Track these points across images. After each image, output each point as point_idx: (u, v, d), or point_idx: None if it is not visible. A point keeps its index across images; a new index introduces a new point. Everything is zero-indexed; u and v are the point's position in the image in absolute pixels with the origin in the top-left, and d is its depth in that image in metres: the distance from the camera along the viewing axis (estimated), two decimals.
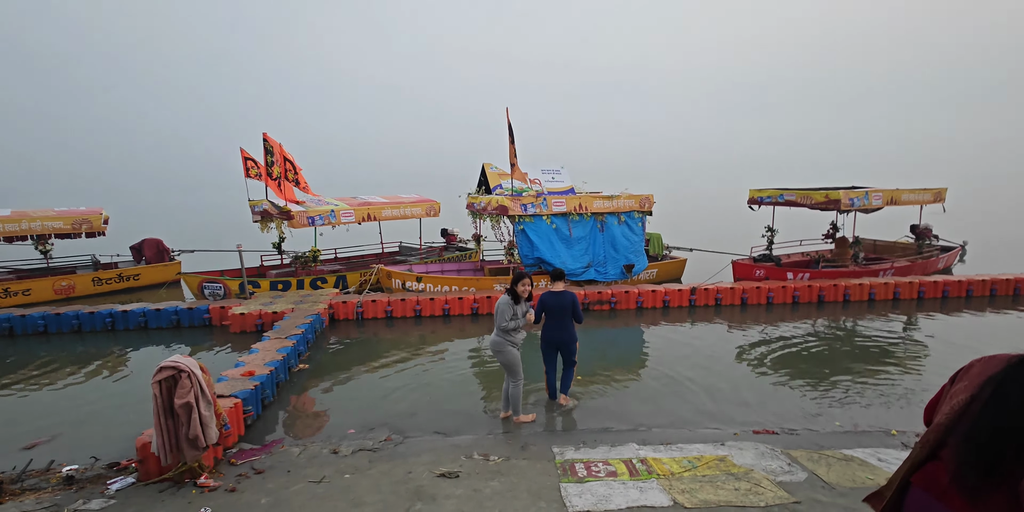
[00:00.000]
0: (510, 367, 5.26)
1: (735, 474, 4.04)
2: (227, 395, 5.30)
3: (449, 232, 15.37)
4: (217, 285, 10.96)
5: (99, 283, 12.43)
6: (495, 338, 5.24)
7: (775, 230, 12.94)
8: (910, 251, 13.68)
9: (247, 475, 4.25)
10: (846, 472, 4.08)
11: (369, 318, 9.90)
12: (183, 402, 3.92)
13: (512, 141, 10.89)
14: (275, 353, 6.78)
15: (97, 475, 4.37)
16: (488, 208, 11.17)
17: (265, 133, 11.25)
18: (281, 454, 4.65)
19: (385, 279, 11.01)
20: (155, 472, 4.17)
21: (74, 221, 11.93)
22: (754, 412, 5.71)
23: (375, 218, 12.26)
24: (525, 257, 11.07)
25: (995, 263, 13.87)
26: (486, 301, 10.10)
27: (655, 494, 3.74)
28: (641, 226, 12.02)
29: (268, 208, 11.08)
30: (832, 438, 4.89)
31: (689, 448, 4.55)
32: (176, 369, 3.98)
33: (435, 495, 3.81)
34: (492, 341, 5.27)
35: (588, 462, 4.27)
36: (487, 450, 4.59)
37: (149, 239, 13.80)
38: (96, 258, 13.16)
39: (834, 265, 12.19)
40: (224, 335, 9.03)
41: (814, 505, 3.59)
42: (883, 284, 10.86)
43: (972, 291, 10.93)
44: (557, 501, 3.68)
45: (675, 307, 10.46)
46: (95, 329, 9.31)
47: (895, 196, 12.18)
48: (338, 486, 4.01)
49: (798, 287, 10.72)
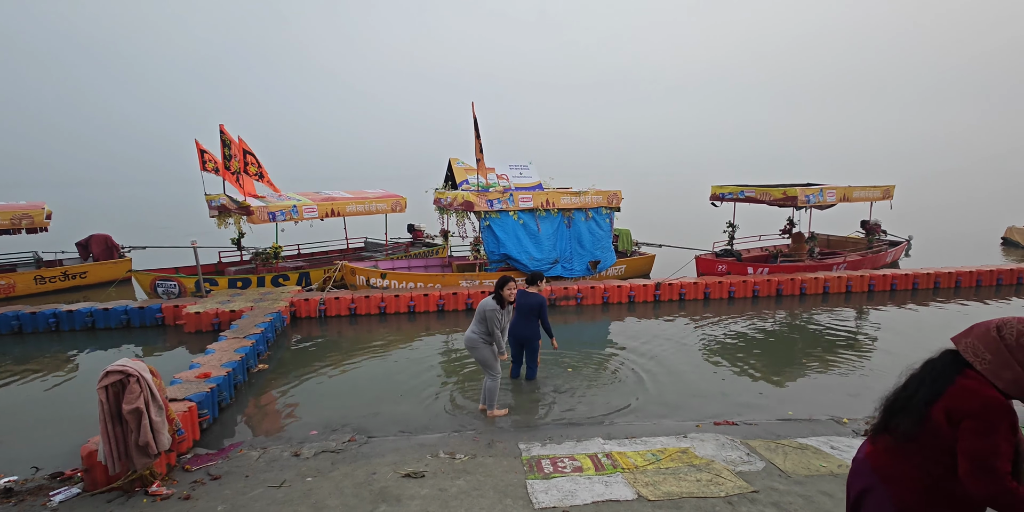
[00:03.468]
0: (486, 362, 5.34)
1: (697, 466, 4.12)
2: (181, 398, 5.09)
3: (416, 228, 15.18)
4: (171, 283, 10.52)
5: (42, 281, 11.77)
6: (471, 335, 5.30)
7: (736, 226, 13.29)
8: (861, 246, 14.27)
9: (203, 481, 4.09)
10: (801, 460, 4.22)
11: (332, 316, 9.69)
12: (132, 408, 3.73)
13: (478, 136, 10.80)
14: (232, 353, 6.55)
15: (39, 486, 4.13)
16: (454, 203, 11.07)
17: (222, 125, 10.83)
18: (239, 458, 4.50)
19: (349, 276, 10.79)
20: (103, 481, 3.97)
21: (13, 216, 11.23)
22: (715, 403, 5.85)
23: (339, 213, 11.98)
24: (491, 253, 11.03)
25: (937, 257, 14.63)
26: (452, 298, 10.02)
27: (620, 488, 3.78)
28: (609, 222, 12.13)
29: (226, 203, 10.68)
30: (788, 427, 5.06)
31: (653, 441, 4.62)
32: (124, 373, 3.79)
33: (400, 496, 3.75)
34: (467, 338, 5.34)
35: (554, 458, 4.29)
36: (453, 448, 4.55)
37: (97, 235, 13.12)
38: (39, 255, 12.44)
39: (791, 260, 12.61)
40: (178, 335, 8.68)
41: (771, 493, 3.69)
42: (836, 278, 11.29)
43: (918, 284, 11.48)
44: (523, 498, 3.68)
45: (640, 302, 10.62)
46: (38, 330, 8.80)
47: (847, 193, 12.66)
48: (299, 490, 3.90)
49: (758, 281, 11.03)
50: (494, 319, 5.21)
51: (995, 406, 1.72)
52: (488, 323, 5.23)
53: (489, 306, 5.23)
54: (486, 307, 5.24)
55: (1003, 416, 1.70)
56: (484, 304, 5.27)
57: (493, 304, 5.23)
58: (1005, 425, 1.69)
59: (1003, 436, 1.68)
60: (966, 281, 11.63)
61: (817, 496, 3.66)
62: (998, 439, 1.69)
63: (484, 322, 5.26)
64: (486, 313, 5.22)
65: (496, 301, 5.25)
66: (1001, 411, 1.71)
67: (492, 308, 5.21)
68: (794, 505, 3.54)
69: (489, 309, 5.22)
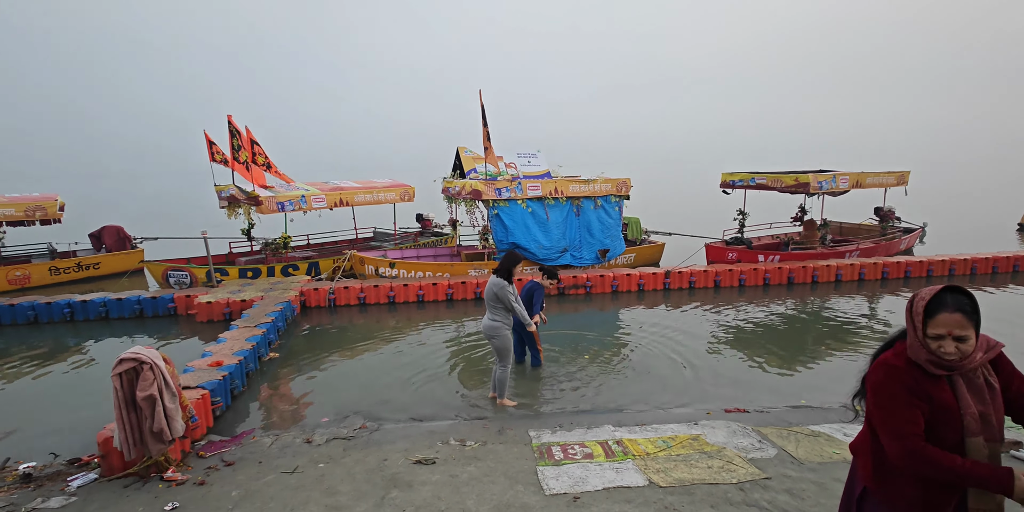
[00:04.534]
0: (504, 351, 5.25)
1: (708, 452, 4.11)
2: (194, 386, 5.14)
3: (424, 217, 15.16)
4: (183, 273, 10.60)
5: (56, 272, 11.91)
6: (491, 323, 5.17)
7: (746, 213, 13.13)
8: (874, 233, 14.07)
9: (216, 467, 4.14)
10: (814, 447, 4.19)
11: (342, 305, 9.73)
12: (146, 395, 3.76)
13: (485, 124, 10.71)
14: (244, 342, 6.61)
15: (57, 472, 4.20)
16: (462, 192, 11.02)
17: (229, 116, 10.82)
18: (252, 445, 4.54)
19: (358, 265, 10.81)
20: (119, 467, 4.03)
21: (27, 208, 11.35)
22: (726, 391, 5.82)
23: (348, 203, 11.98)
24: (499, 242, 11.00)
25: (953, 244, 14.40)
26: (460, 286, 10.02)
27: (631, 474, 3.78)
28: (618, 210, 12.04)
29: (235, 193, 10.71)
30: (800, 414, 5.02)
31: (663, 428, 4.60)
32: (137, 361, 3.82)
33: (411, 482, 3.77)
34: (487, 326, 5.19)
35: (564, 445, 4.29)
36: (463, 436, 4.57)
37: (109, 226, 13.24)
38: (53, 246, 12.58)
39: (803, 247, 12.47)
40: (190, 325, 8.77)
41: (783, 480, 3.67)
42: (849, 265, 11.15)
43: (932, 271, 11.32)
44: (534, 484, 3.68)
45: (650, 290, 10.56)
46: (53, 320, 8.93)
47: (861, 179, 12.46)
48: (311, 476, 3.94)
49: (769, 269, 10.93)
50: (507, 296, 5.06)
51: (888, 374, 1.80)
52: (504, 301, 5.08)
53: (499, 283, 5.08)
54: (497, 285, 5.08)
55: (894, 382, 1.78)
56: (495, 283, 5.10)
57: (502, 281, 5.09)
58: (900, 391, 1.77)
59: (900, 401, 1.76)
60: (982, 268, 11.45)
61: (830, 483, 3.63)
62: (895, 405, 1.77)
63: (500, 302, 5.11)
64: (497, 292, 5.07)
65: (505, 277, 5.11)
66: (893, 378, 1.78)
67: (502, 284, 5.07)
68: (807, 492, 3.52)
69: (499, 286, 5.07)
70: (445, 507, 3.45)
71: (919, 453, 1.72)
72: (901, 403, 1.77)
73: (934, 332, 1.74)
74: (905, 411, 1.76)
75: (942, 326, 1.72)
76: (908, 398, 1.76)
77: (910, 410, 1.75)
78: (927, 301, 1.77)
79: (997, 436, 1.72)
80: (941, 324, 1.73)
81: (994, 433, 1.72)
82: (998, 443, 1.72)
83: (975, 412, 1.73)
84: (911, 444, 1.73)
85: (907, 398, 1.76)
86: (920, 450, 1.72)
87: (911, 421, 1.74)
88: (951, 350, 1.72)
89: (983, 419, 1.73)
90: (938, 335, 1.74)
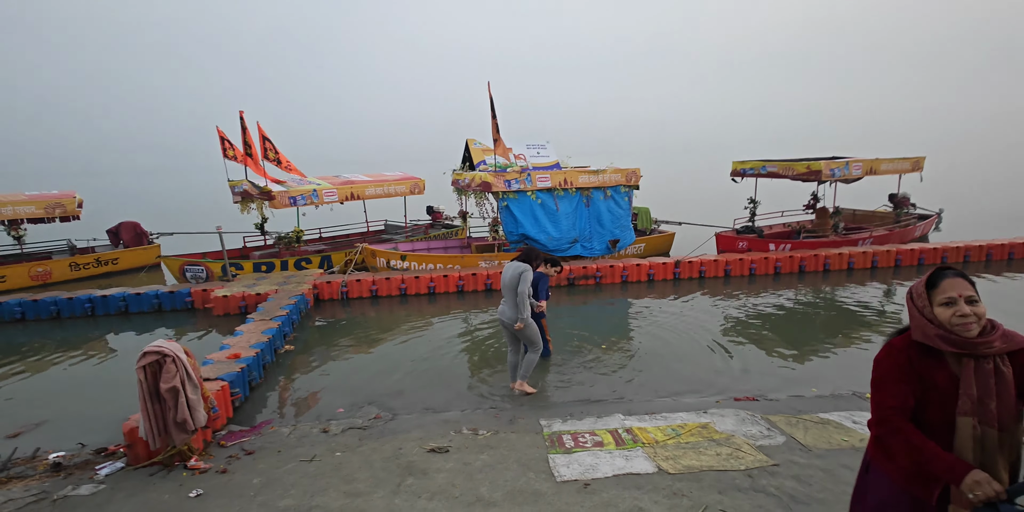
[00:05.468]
0: (535, 339, 5.34)
1: (717, 440, 4.16)
2: (213, 378, 5.29)
3: (435, 210, 15.24)
4: (199, 268, 10.80)
5: (76, 268, 12.18)
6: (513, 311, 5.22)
7: (757, 202, 13.04)
8: (888, 220, 13.90)
9: (238, 456, 4.28)
10: (822, 435, 4.23)
11: (354, 298, 9.87)
12: (169, 387, 3.89)
13: (494, 116, 10.71)
14: (260, 335, 6.75)
15: (85, 461, 4.36)
16: (472, 185, 11.06)
17: (241, 112, 10.93)
18: (271, 435, 4.68)
19: (370, 258, 10.93)
20: (144, 456, 4.18)
21: (47, 205, 11.58)
22: (736, 380, 5.86)
23: (359, 197, 12.09)
24: (510, 234, 11.05)
25: (970, 230, 14.18)
26: (471, 278, 10.11)
27: (640, 462, 3.85)
28: (627, 200, 12.01)
29: (248, 188, 10.85)
30: (809, 403, 5.05)
31: (673, 417, 4.66)
32: (160, 354, 3.95)
33: (426, 469, 3.88)
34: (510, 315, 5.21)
35: (575, 433, 4.37)
36: (476, 425, 4.66)
37: (126, 222, 13.48)
38: (72, 243, 12.85)
39: (815, 235, 12.37)
40: (207, 318, 8.95)
41: (791, 466, 3.72)
42: (861, 253, 11.06)
43: (947, 258, 11.18)
44: (545, 471, 3.77)
45: (660, 280, 10.57)
46: (75, 315, 9.16)
47: (875, 166, 12.29)
48: (330, 464, 4.06)
49: (780, 258, 10.87)
50: (518, 278, 5.08)
51: (887, 352, 1.91)
52: (522, 283, 5.05)
53: (519, 266, 5.11)
54: (516, 269, 5.09)
55: (890, 359, 1.88)
56: (514, 267, 5.10)
57: (523, 264, 5.14)
58: (892, 367, 1.87)
59: (891, 377, 1.86)
60: (997, 254, 11.29)
61: (838, 469, 3.67)
62: (884, 379, 1.88)
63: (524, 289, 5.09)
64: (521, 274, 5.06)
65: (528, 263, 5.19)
66: (891, 355, 1.89)
67: (523, 268, 5.11)
68: (814, 478, 3.57)
69: (519, 269, 5.09)
70: (459, 493, 3.55)
71: (892, 424, 1.83)
72: (890, 379, 1.87)
73: (944, 297, 1.78)
74: (892, 386, 1.86)
75: (951, 289, 1.78)
76: (898, 375, 1.85)
77: (897, 386, 1.85)
78: (926, 277, 1.85)
79: (992, 422, 1.73)
80: (948, 288, 1.79)
81: (989, 418, 1.74)
82: (993, 428, 1.73)
83: (973, 394, 1.75)
84: (886, 414, 1.86)
85: (897, 375, 1.86)
86: (893, 422, 1.84)
87: (894, 395, 1.85)
88: (966, 310, 1.75)
89: (980, 402, 1.75)
90: (949, 300, 1.78)
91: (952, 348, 1.78)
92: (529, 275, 5.09)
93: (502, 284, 5.24)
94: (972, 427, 1.74)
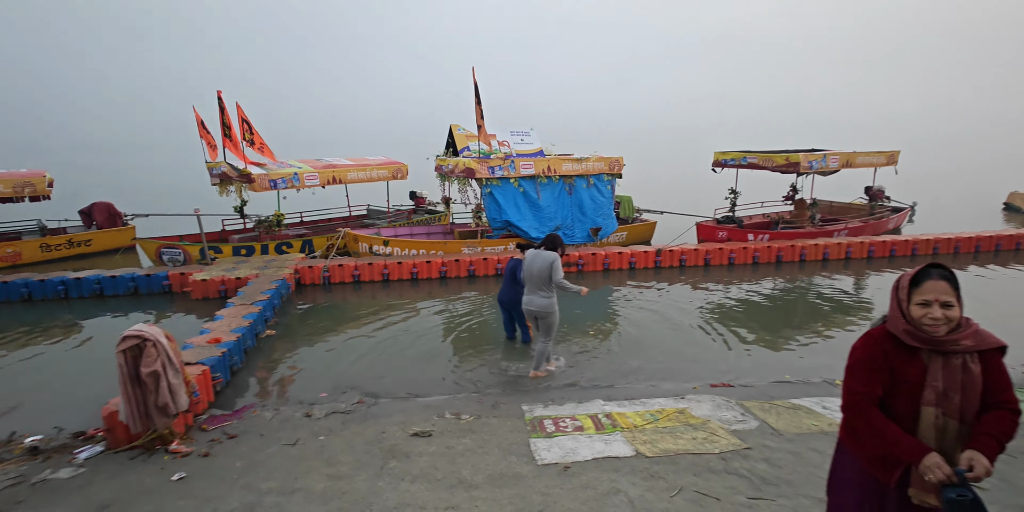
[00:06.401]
0: (553, 328, 5.50)
1: (693, 425, 4.30)
2: (194, 362, 5.25)
3: (418, 195, 15.13)
4: (176, 251, 10.61)
5: (47, 249, 11.86)
6: (544, 300, 5.32)
7: (738, 192, 13.21)
8: (863, 212, 14.24)
9: (220, 440, 4.28)
10: (793, 420, 4.39)
11: (336, 283, 9.81)
12: (150, 371, 3.87)
13: (478, 102, 10.62)
14: (240, 319, 6.70)
15: (63, 445, 4.32)
16: (455, 170, 11.01)
17: (219, 92, 10.64)
18: (253, 419, 4.68)
19: (352, 243, 10.85)
20: (124, 440, 4.16)
21: (15, 184, 11.21)
22: (713, 367, 6.02)
23: (341, 181, 11.92)
24: (493, 220, 11.06)
25: (941, 223, 14.62)
26: (454, 264, 10.12)
27: (619, 446, 3.96)
28: (610, 189, 12.08)
29: (227, 170, 10.63)
30: (782, 389, 5.23)
31: (652, 402, 4.79)
32: (141, 337, 3.91)
33: (409, 453, 3.94)
34: (540, 304, 5.32)
35: (556, 418, 4.47)
36: (458, 409, 4.73)
37: (99, 203, 13.11)
38: (43, 223, 12.48)
39: (792, 226, 12.62)
40: (186, 302, 8.83)
41: (763, 450, 3.87)
42: (836, 244, 11.34)
43: (917, 249, 11.54)
44: (527, 455, 3.86)
45: (641, 268, 10.72)
46: (47, 297, 8.96)
47: (851, 159, 12.54)
48: (312, 447, 4.10)
49: (758, 248, 11.09)
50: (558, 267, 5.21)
51: (864, 341, 2.02)
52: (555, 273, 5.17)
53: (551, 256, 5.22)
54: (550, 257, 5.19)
55: (864, 348, 2.00)
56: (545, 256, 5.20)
57: (555, 253, 5.28)
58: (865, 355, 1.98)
59: (862, 364, 1.98)
60: (965, 247, 11.68)
61: (806, 452, 3.83)
62: (857, 366, 1.99)
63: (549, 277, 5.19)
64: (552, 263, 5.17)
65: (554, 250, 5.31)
66: (867, 344, 2.00)
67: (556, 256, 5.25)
68: (784, 461, 3.72)
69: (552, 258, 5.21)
70: (442, 476, 3.62)
71: (857, 408, 1.95)
72: (862, 366, 1.99)
73: (921, 298, 1.88)
74: (863, 373, 1.98)
75: (929, 292, 1.87)
76: (869, 363, 1.97)
77: (867, 374, 1.97)
78: (914, 273, 1.93)
79: (954, 414, 1.84)
80: (928, 290, 1.87)
81: (952, 410, 1.84)
82: (955, 420, 1.84)
83: (939, 387, 1.85)
84: (853, 399, 1.98)
85: (868, 363, 1.97)
86: (859, 406, 1.96)
87: (864, 382, 1.96)
88: (938, 315, 1.85)
89: (945, 395, 1.85)
90: (925, 302, 1.87)
91: (916, 344, 1.89)
92: (559, 262, 5.23)
93: (529, 274, 5.31)
94: (935, 417, 1.85)
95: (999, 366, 1.88)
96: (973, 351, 1.87)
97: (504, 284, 6.31)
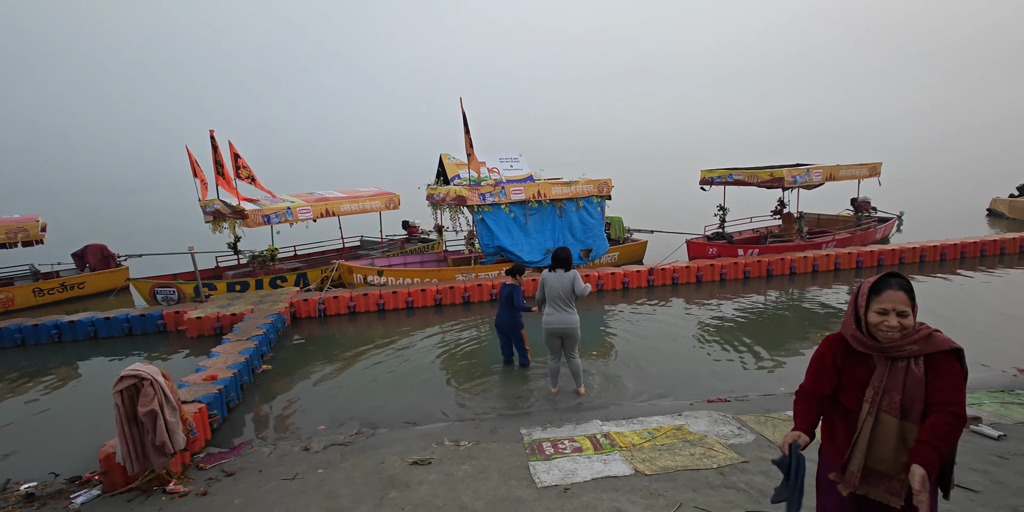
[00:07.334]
0: (577, 341, 5.61)
1: (691, 441, 4.31)
2: (190, 400, 5.24)
3: (410, 224, 15.28)
4: (170, 289, 10.62)
5: (40, 294, 11.84)
6: (571, 316, 5.43)
7: (726, 209, 13.45)
8: (850, 223, 14.47)
9: (218, 478, 4.25)
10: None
11: (332, 314, 9.83)
12: (147, 410, 3.88)
13: (467, 131, 10.89)
14: (237, 355, 6.70)
15: (58, 490, 4.28)
16: (447, 198, 11.18)
17: (211, 131, 10.87)
18: (251, 455, 4.66)
19: (347, 274, 10.92)
20: (121, 482, 4.12)
21: (8, 230, 11.27)
22: (709, 383, 6.05)
23: (333, 213, 12.07)
24: (486, 246, 11.18)
25: (929, 231, 14.86)
26: (449, 292, 10.17)
27: (618, 465, 3.97)
28: (600, 210, 12.27)
29: (220, 208, 10.76)
30: (778, 401, 5.25)
31: (649, 420, 4.81)
32: (138, 377, 3.93)
33: (408, 482, 3.93)
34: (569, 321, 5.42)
35: (555, 440, 4.47)
36: (457, 436, 4.73)
37: (92, 245, 13.16)
38: (35, 267, 12.49)
39: (781, 240, 12.81)
40: (181, 340, 8.81)
41: (760, 462, 3.89)
42: (825, 256, 11.50)
43: (904, 258, 11.71)
44: (527, 479, 3.86)
45: (634, 288, 10.80)
46: (40, 342, 8.91)
47: (833, 172, 12.84)
48: (311, 481, 4.07)
49: (748, 263, 11.23)
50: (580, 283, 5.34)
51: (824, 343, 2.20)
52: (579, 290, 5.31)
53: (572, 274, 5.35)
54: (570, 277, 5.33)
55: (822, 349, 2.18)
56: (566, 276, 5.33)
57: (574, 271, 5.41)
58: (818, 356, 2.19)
59: (815, 362, 2.20)
60: (951, 254, 11.87)
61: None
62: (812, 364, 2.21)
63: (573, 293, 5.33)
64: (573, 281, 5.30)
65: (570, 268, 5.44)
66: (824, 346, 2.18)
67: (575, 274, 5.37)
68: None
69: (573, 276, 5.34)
70: (443, 504, 3.61)
71: (796, 397, 2.27)
72: (813, 365, 2.22)
73: (880, 307, 2.00)
74: (812, 370, 2.21)
75: (888, 301, 1.99)
76: (819, 364, 2.19)
77: (816, 371, 2.20)
78: (873, 282, 2.05)
79: (894, 411, 1.98)
80: (887, 300, 1.99)
81: (891, 407, 1.99)
82: (893, 416, 1.98)
83: (879, 386, 2.01)
84: (797, 391, 2.27)
85: (818, 363, 2.19)
86: (797, 396, 2.25)
87: (811, 378, 2.21)
88: (894, 323, 1.97)
89: (885, 392, 2.00)
90: (883, 310, 1.99)
91: (862, 348, 2.05)
92: (579, 276, 5.40)
93: (552, 294, 5.41)
94: (867, 412, 2.02)
95: (950, 369, 1.97)
96: (918, 355, 1.99)
97: (500, 309, 6.37)
